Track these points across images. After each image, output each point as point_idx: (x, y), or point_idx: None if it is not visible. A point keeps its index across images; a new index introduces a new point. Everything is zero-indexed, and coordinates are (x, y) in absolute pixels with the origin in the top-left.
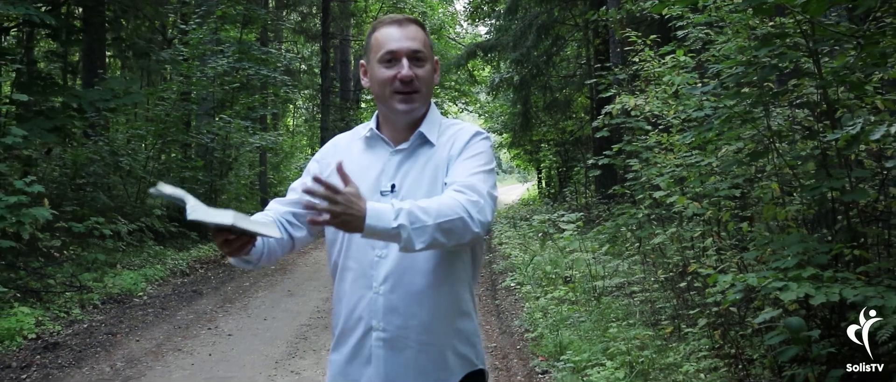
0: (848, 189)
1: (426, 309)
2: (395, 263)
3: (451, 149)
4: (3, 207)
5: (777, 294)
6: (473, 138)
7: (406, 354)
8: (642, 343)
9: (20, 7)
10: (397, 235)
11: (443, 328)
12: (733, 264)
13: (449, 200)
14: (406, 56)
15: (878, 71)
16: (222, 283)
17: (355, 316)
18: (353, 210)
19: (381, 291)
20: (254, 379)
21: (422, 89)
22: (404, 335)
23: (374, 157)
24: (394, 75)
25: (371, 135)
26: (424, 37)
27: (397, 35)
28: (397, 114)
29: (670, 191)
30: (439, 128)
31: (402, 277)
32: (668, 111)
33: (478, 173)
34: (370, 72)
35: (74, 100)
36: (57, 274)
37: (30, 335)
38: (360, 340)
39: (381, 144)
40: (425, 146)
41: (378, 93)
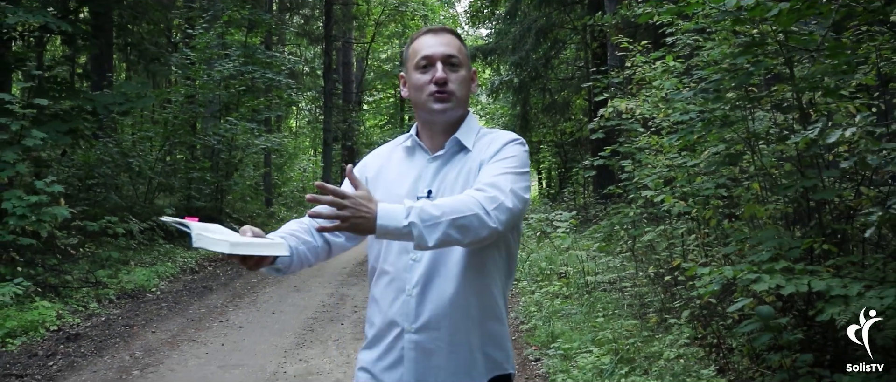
0: (821, 187)
1: (458, 312)
2: (428, 266)
3: (484, 153)
4: (24, 206)
5: (751, 285)
6: (508, 143)
7: (437, 356)
8: (629, 333)
9: (39, 15)
10: (409, 233)
11: (473, 331)
12: (715, 259)
13: (465, 197)
14: (440, 60)
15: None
16: (231, 280)
17: (389, 318)
18: (363, 212)
19: (414, 294)
20: (264, 367)
21: (456, 92)
22: (435, 338)
23: (413, 164)
24: (429, 79)
25: (411, 143)
26: (459, 44)
27: (432, 42)
28: (433, 115)
29: (658, 191)
30: (476, 136)
31: (434, 280)
32: (659, 114)
33: (506, 174)
34: (408, 80)
35: (88, 104)
36: (73, 271)
37: (51, 327)
38: (392, 342)
39: (419, 152)
40: (462, 152)
41: (415, 99)
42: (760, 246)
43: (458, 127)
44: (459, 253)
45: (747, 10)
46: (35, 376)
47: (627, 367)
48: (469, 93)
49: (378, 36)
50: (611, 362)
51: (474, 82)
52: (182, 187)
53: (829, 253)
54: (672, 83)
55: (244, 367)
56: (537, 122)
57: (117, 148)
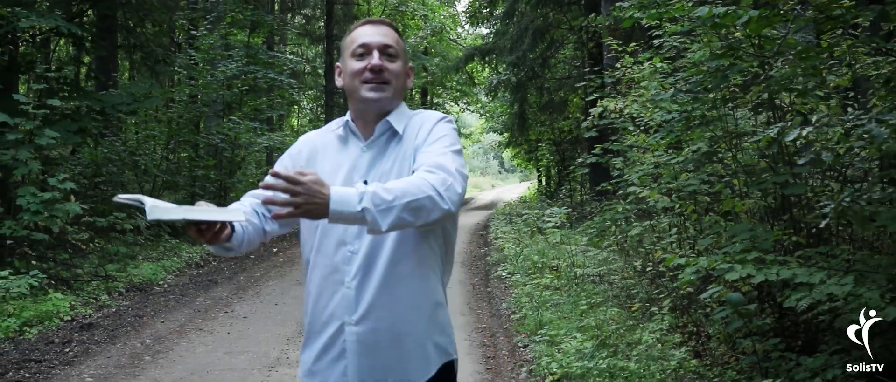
0: (792, 183)
1: (398, 302)
2: (366, 257)
3: (417, 138)
4: (38, 202)
5: (725, 275)
6: (437, 124)
7: (381, 348)
8: (614, 322)
9: (49, 19)
10: (362, 218)
11: (416, 320)
12: (694, 251)
13: (416, 179)
14: (377, 48)
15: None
16: (235, 274)
17: (328, 312)
18: (317, 198)
19: (353, 286)
20: (268, 353)
21: (392, 81)
22: (378, 329)
23: (346, 154)
24: (365, 66)
25: (344, 131)
26: (397, 37)
27: (370, 31)
28: (366, 104)
29: (643, 186)
30: (407, 120)
31: (373, 271)
32: (646, 113)
33: (446, 153)
34: (343, 69)
35: (97, 104)
36: (84, 265)
37: (65, 317)
38: (332, 337)
39: (353, 140)
40: (394, 140)
41: (349, 86)
42: (735, 238)
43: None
44: (396, 242)
45: (720, 17)
46: (53, 361)
47: (608, 351)
48: (404, 87)
49: None
50: (592, 346)
51: (410, 77)
52: (186, 184)
53: (798, 244)
54: (659, 84)
55: (249, 353)
56: (535, 121)
57: (123, 146)
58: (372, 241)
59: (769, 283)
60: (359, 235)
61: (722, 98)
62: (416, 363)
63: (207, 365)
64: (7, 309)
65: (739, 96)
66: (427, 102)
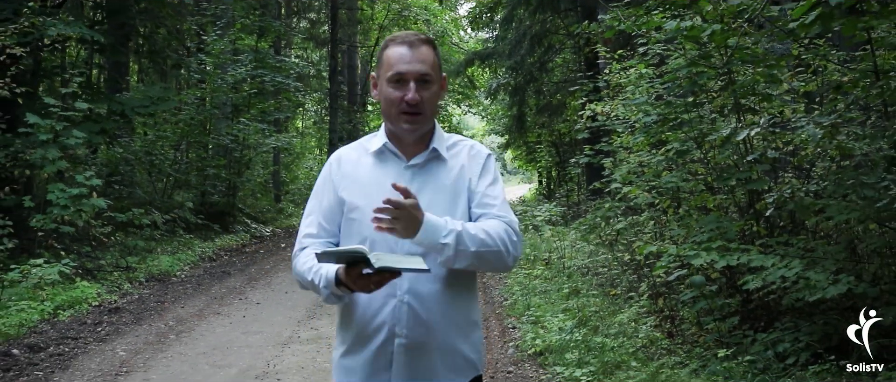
0: (753, 179)
1: (446, 317)
2: (418, 274)
3: (469, 169)
4: (66, 198)
5: (692, 260)
6: (488, 160)
7: (426, 359)
8: (595, 306)
9: (74, 27)
10: (441, 250)
11: (458, 335)
12: (667, 240)
13: (494, 232)
14: (414, 79)
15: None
16: (246, 266)
17: (377, 321)
18: (413, 221)
19: (406, 299)
20: (281, 333)
21: (426, 111)
22: (427, 341)
23: (387, 171)
24: (401, 97)
25: (382, 148)
26: (434, 58)
27: (408, 57)
28: (403, 133)
29: (626, 183)
30: (446, 143)
31: (426, 286)
32: (631, 116)
33: (505, 202)
34: (380, 88)
35: (118, 106)
36: (105, 257)
37: (93, 302)
38: (381, 345)
39: (392, 158)
40: (436, 160)
41: (385, 111)
42: (703, 229)
43: (429, 135)
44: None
45: (687, 29)
46: (87, 338)
47: (587, 329)
48: (437, 105)
49: (382, 40)
50: (572, 324)
51: (444, 89)
52: (198, 183)
53: (760, 234)
54: (643, 88)
55: (264, 333)
56: (534, 123)
57: (141, 146)
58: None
59: (733, 269)
60: (411, 249)
61: (693, 102)
62: (451, 375)
63: (227, 343)
64: (41, 294)
65: (712, 99)
66: None
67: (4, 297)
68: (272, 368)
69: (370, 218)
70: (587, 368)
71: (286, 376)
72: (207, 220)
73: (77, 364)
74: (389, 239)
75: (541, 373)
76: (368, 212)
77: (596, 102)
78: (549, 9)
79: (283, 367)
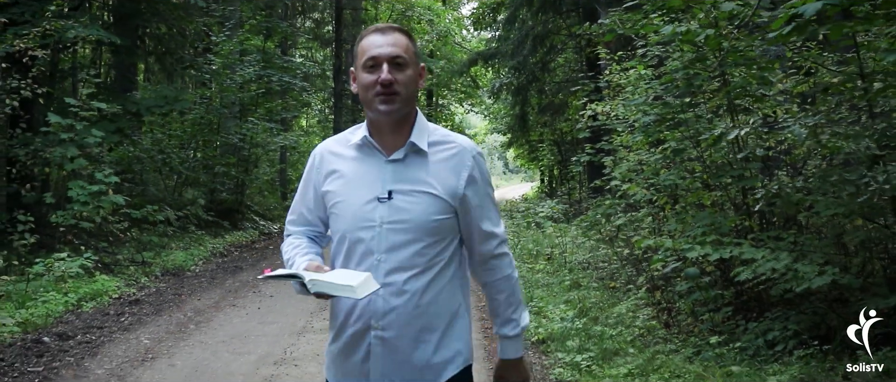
0: (746, 176)
1: (422, 312)
2: (393, 268)
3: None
4: (86, 194)
5: (686, 253)
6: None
7: (403, 352)
8: (596, 297)
9: (93, 29)
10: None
11: (439, 327)
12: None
13: (513, 282)
14: (386, 61)
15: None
16: (257, 261)
17: (355, 313)
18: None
19: (380, 293)
20: (295, 323)
21: (402, 92)
22: (402, 334)
23: (369, 165)
24: (375, 79)
25: (363, 141)
26: (407, 43)
27: (379, 41)
28: (379, 115)
29: (624, 180)
30: (428, 136)
31: (401, 279)
32: (630, 116)
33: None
34: (357, 78)
35: (133, 106)
36: (122, 252)
37: (114, 295)
38: (357, 336)
39: (373, 152)
40: (416, 155)
41: (363, 98)
42: (697, 224)
43: (408, 126)
44: (420, 251)
45: (683, 34)
46: (112, 328)
47: (587, 318)
48: (416, 91)
49: None
50: (574, 314)
51: (422, 78)
52: (207, 181)
53: (752, 228)
54: (642, 88)
55: (279, 323)
56: (536, 122)
57: (152, 145)
58: (396, 252)
59: (726, 262)
60: (386, 248)
61: (689, 102)
62: (436, 367)
63: (244, 332)
64: (64, 287)
65: (708, 99)
66: (433, 104)
67: (30, 289)
68: (289, 355)
69: (351, 215)
70: (587, 354)
71: (303, 362)
72: (217, 217)
73: (104, 350)
74: (367, 235)
75: (543, 359)
76: (348, 206)
77: (597, 102)
78: (551, 10)
79: (300, 354)
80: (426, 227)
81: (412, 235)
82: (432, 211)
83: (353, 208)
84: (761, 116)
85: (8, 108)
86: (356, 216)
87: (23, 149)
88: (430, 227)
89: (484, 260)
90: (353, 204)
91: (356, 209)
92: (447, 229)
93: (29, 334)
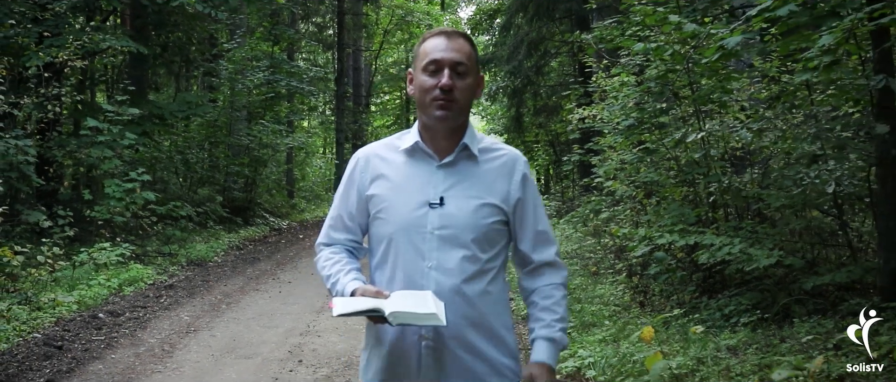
0: (709, 174)
1: (474, 322)
2: (445, 275)
3: (508, 182)
4: (121, 191)
5: (656, 241)
6: (525, 166)
7: (453, 363)
8: (579, 281)
9: (123, 40)
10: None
11: (488, 340)
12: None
13: (560, 295)
14: (448, 66)
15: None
16: (272, 253)
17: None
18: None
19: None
20: (314, 303)
21: (460, 100)
22: (454, 346)
23: (419, 169)
24: (435, 84)
25: (414, 147)
26: (470, 51)
27: (443, 46)
28: (434, 121)
29: (608, 178)
30: (478, 143)
31: (453, 290)
32: (614, 119)
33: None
34: (415, 80)
35: (158, 110)
36: (149, 244)
37: (148, 281)
38: (408, 346)
39: (425, 157)
40: (468, 160)
41: (419, 101)
42: (667, 216)
43: (460, 134)
44: (471, 258)
45: (652, 51)
46: (153, 307)
47: (570, 298)
48: (472, 100)
49: (386, 43)
50: None
51: (480, 88)
52: (220, 180)
53: (713, 219)
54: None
55: (300, 304)
56: (531, 123)
57: (170, 146)
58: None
59: (692, 247)
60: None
61: (661, 109)
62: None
63: (270, 311)
64: (106, 273)
65: (680, 105)
66: None
67: (76, 276)
68: (312, 328)
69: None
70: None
71: (325, 334)
72: (230, 214)
73: (152, 325)
74: (417, 240)
75: (525, 331)
76: (397, 212)
77: (584, 106)
78: (545, 17)
79: (321, 327)
80: (478, 233)
81: (463, 241)
82: (484, 216)
83: (402, 213)
84: (732, 120)
85: (51, 114)
86: (406, 221)
87: (60, 150)
88: (482, 233)
89: (538, 267)
90: (402, 210)
91: (405, 214)
92: (498, 236)
93: (85, 312)
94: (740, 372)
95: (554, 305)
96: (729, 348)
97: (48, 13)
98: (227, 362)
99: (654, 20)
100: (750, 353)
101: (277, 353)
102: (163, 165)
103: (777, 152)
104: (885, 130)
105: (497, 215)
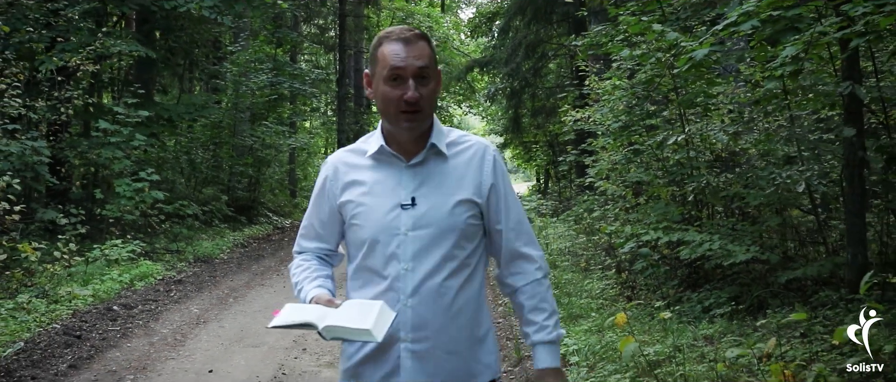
0: (693, 174)
1: (453, 322)
2: (423, 276)
3: (477, 174)
4: (132, 190)
5: (642, 237)
6: (496, 164)
7: (433, 364)
8: (569, 276)
9: (133, 44)
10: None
11: (467, 339)
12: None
13: (546, 288)
14: (412, 76)
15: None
16: (276, 251)
17: None
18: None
19: (410, 304)
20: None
21: (426, 108)
22: (433, 347)
23: (388, 172)
24: (400, 95)
25: (380, 150)
26: (429, 51)
27: (404, 53)
28: (402, 131)
29: (599, 178)
30: (445, 138)
31: (431, 291)
32: (605, 121)
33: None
34: (375, 86)
35: (165, 112)
36: (157, 242)
37: (158, 277)
38: (385, 348)
39: (392, 159)
40: (436, 158)
41: (383, 110)
42: (653, 214)
43: (427, 132)
44: (448, 255)
45: (638, 57)
46: (164, 301)
47: (561, 291)
48: (436, 100)
49: None
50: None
51: (439, 83)
52: (224, 179)
53: (697, 217)
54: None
55: None
56: (529, 124)
57: (174, 147)
58: (423, 259)
59: (675, 244)
60: (413, 256)
61: (648, 112)
62: (459, 379)
63: (275, 304)
64: (118, 269)
65: (666, 108)
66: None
67: (89, 271)
68: None
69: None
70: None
71: None
72: (234, 213)
73: (164, 316)
74: (392, 244)
75: (513, 320)
76: (370, 216)
77: (578, 109)
78: (543, 20)
79: None
80: (452, 231)
81: (438, 240)
82: (457, 213)
83: (376, 217)
84: (717, 123)
85: (64, 116)
86: (380, 224)
87: (71, 150)
88: (457, 230)
89: (512, 259)
90: (376, 214)
91: (379, 217)
92: (473, 231)
93: (100, 305)
94: (713, 359)
95: (541, 303)
96: (705, 337)
97: (61, 18)
98: (236, 350)
99: (638, 29)
100: (724, 342)
101: (283, 342)
102: (169, 165)
103: (757, 154)
104: (852, 133)
105: (470, 209)
